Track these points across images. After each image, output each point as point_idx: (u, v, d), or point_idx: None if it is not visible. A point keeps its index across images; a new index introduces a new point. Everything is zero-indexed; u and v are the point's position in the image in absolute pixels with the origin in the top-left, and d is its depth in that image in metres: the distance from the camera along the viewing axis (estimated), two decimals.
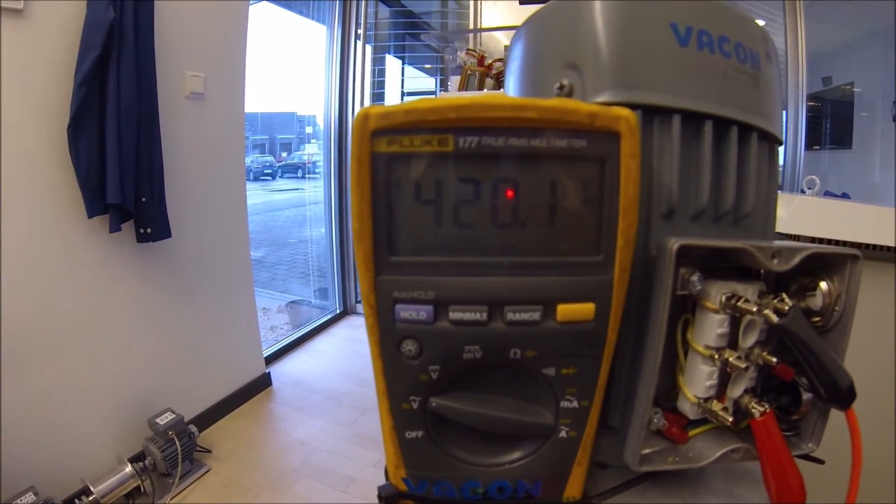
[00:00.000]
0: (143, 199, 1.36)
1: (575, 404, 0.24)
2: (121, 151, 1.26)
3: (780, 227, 1.08)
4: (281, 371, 2.34)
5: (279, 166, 5.75)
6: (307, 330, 2.80)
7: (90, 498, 1.33)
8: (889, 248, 0.97)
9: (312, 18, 3.03)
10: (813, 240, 1.06)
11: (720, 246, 0.26)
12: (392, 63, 3.40)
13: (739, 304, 0.27)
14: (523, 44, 0.34)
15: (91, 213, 1.27)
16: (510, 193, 0.20)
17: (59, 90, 1.23)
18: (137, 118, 1.31)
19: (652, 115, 0.28)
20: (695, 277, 0.26)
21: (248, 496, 1.55)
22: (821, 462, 0.35)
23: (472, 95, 0.17)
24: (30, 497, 1.20)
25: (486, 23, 1.18)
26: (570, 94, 0.28)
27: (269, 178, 5.73)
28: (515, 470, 0.26)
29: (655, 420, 0.30)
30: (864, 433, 0.30)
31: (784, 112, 3.23)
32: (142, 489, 1.46)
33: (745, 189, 0.31)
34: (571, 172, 0.20)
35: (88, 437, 1.45)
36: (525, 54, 0.34)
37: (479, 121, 0.19)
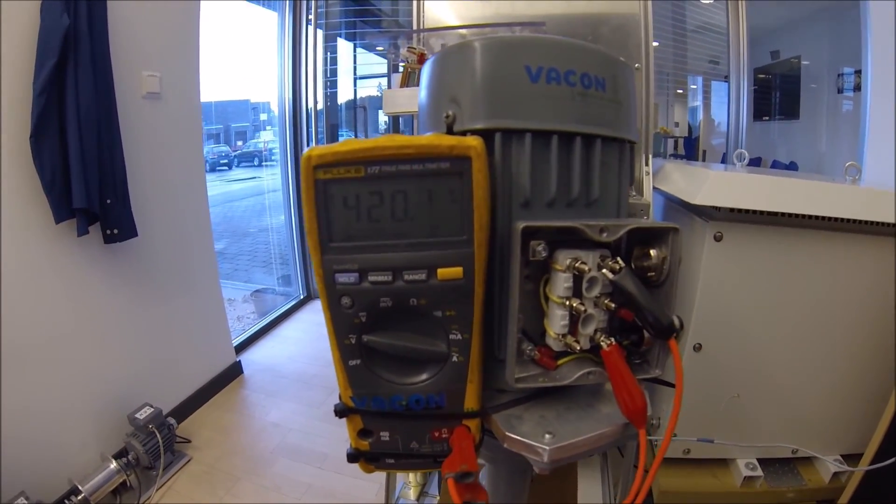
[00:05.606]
0: (109, 202, 1.40)
1: (459, 337, 0.36)
2: (83, 156, 1.30)
3: (697, 199, 1.20)
4: (251, 359, 2.41)
5: (234, 155, 5.62)
6: (273, 317, 2.87)
7: (79, 497, 1.37)
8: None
9: (262, 5, 3.02)
10: (732, 210, 1.19)
11: (556, 226, 0.37)
12: (344, 46, 3.40)
13: (578, 265, 0.37)
14: (428, 77, 0.45)
15: (58, 218, 1.31)
16: (402, 199, 0.32)
17: (18, 100, 1.25)
18: (97, 122, 1.34)
19: (511, 134, 0.38)
20: (540, 247, 0.37)
21: (230, 480, 1.64)
22: (671, 385, 0.43)
23: (375, 139, 0.27)
24: (21, 501, 1.24)
25: (432, 18, 1.27)
26: (454, 122, 0.39)
27: (226, 168, 5.59)
28: (426, 387, 0.38)
29: (529, 351, 0.41)
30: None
31: (726, 85, 3.40)
32: (128, 484, 1.52)
33: (591, 182, 0.43)
34: (441, 183, 0.32)
35: (71, 437, 1.48)
36: (428, 86, 0.45)
37: (380, 157, 0.30)
